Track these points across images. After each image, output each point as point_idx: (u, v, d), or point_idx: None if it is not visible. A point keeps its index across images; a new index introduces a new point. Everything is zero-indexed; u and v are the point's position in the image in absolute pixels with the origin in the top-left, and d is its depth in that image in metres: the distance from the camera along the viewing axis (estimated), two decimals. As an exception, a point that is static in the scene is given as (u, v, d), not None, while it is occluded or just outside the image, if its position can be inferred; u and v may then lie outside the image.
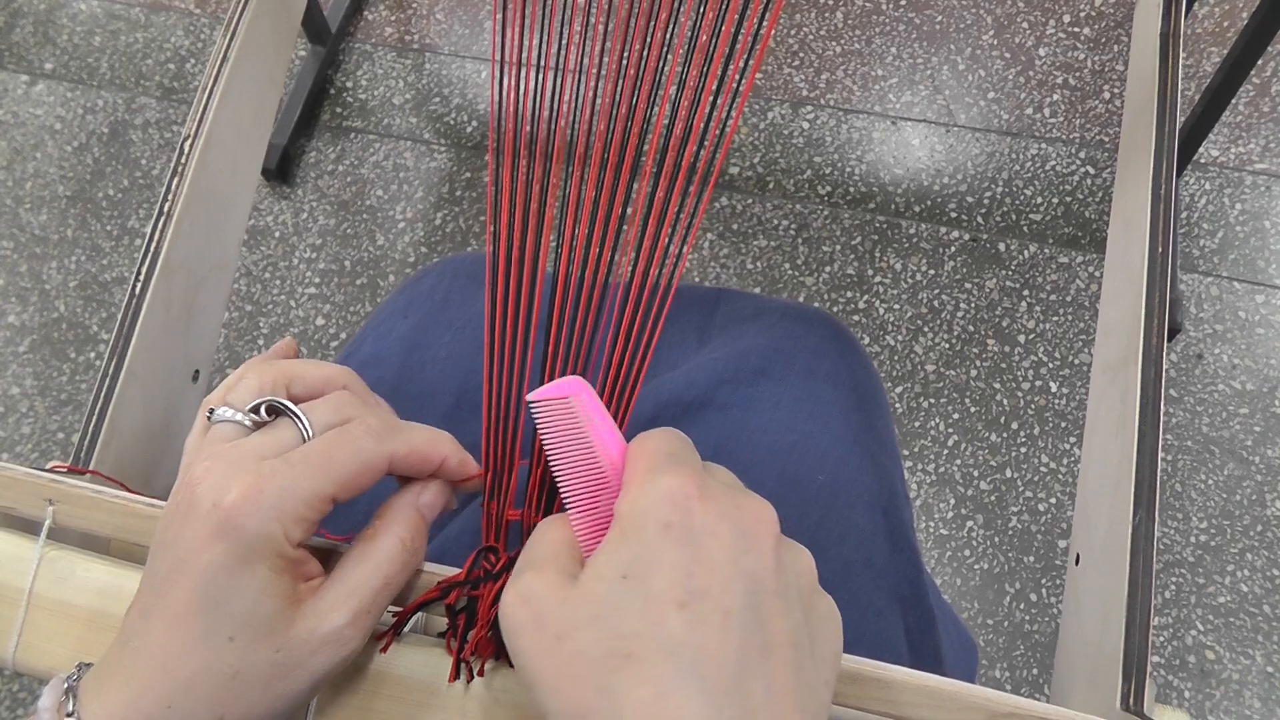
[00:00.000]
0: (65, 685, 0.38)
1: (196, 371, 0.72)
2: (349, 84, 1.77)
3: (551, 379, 0.45)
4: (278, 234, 1.66)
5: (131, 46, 1.85)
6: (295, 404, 0.41)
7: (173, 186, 0.67)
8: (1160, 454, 0.56)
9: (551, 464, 0.41)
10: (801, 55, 1.71)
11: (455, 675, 0.42)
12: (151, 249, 0.66)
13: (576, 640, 0.33)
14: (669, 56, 0.46)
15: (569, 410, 0.41)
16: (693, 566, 0.33)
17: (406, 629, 0.44)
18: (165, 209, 0.66)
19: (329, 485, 0.38)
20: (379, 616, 0.41)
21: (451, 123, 1.72)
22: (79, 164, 1.75)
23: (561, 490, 0.40)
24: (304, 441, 0.40)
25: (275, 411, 0.41)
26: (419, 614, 0.45)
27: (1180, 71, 0.74)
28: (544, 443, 0.41)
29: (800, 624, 0.35)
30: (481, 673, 0.42)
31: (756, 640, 0.33)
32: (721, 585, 0.33)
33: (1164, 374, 0.58)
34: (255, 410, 0.41)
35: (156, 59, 1.83)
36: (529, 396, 0.42)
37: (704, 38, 0.44)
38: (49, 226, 1.70)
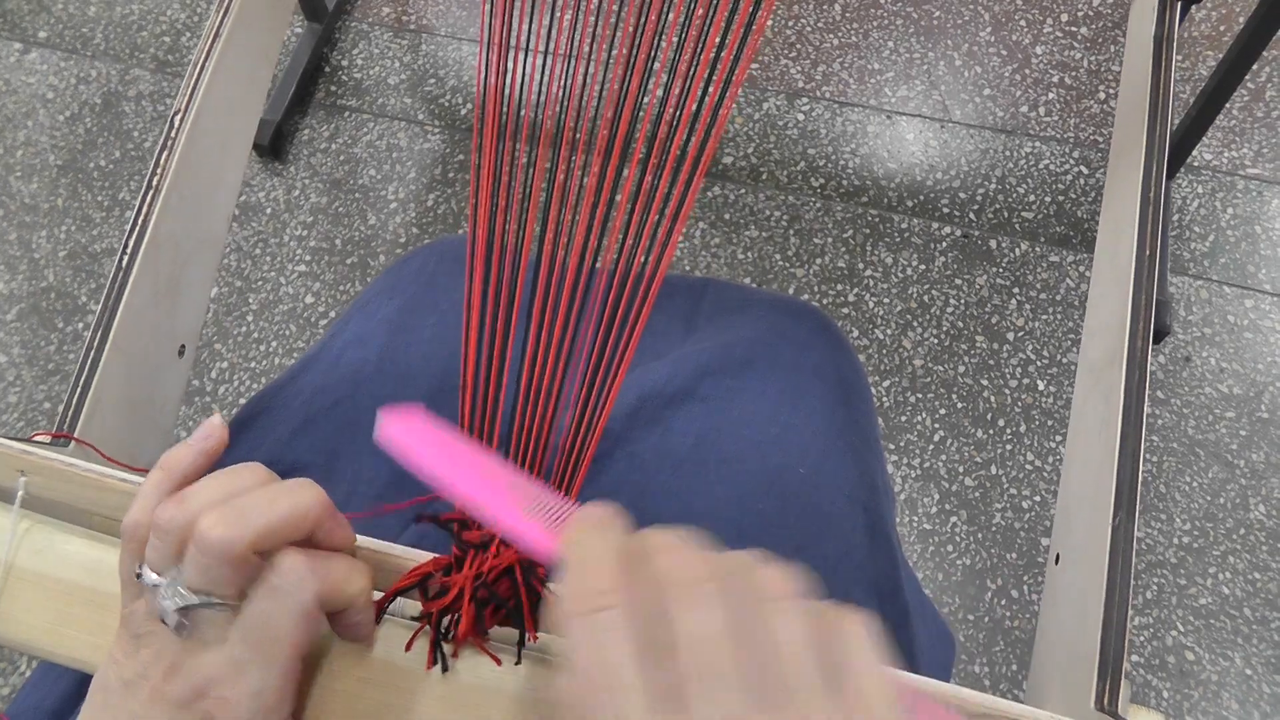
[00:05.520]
0: None
1: (182, 346, 0.72)
2: (344, 62, 1.76)
3: (534, 366, 0.45)
4: (269, 210, 1.66)
5: (127, 18, 1.84)
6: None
7: (162, 160, 0.67)
8: (1144, 455, 0.56)
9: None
10: (799, 47, 1.70)
11: (433, 662, 0.42)
12: (139, 222, 0.65)
13: None
14: (661, 43, 0.46)
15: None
16: None
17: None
18: (154, 183, 0.66)
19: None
20: None
21: (446, 104, 1.71)
22: (70, 134, 1.74)
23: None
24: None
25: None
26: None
27: (1173, 75, 0.74)
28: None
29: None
30: (455, 655, 0.42)
31: None
32: None
33: (1148, 376, 0.58)
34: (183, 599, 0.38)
35: (152, 31, 1.82)
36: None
37: (695, 28, 0.44)
38: (39, 195, 1.69)
